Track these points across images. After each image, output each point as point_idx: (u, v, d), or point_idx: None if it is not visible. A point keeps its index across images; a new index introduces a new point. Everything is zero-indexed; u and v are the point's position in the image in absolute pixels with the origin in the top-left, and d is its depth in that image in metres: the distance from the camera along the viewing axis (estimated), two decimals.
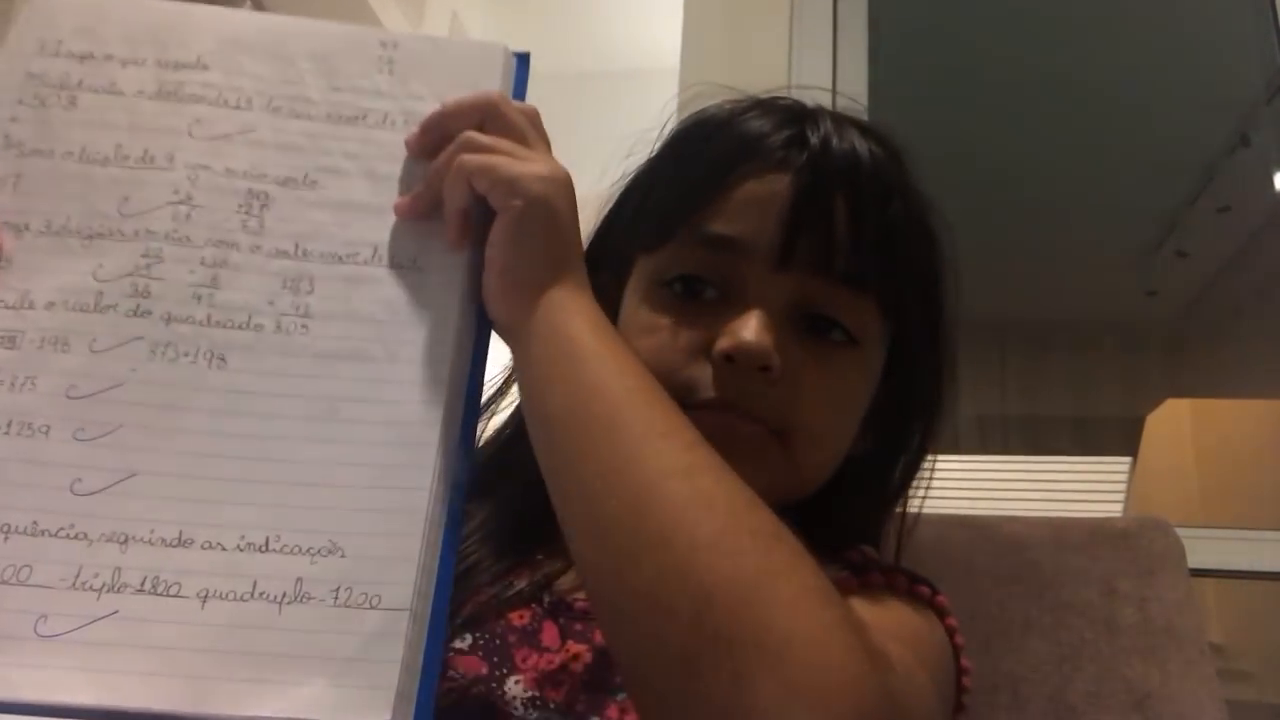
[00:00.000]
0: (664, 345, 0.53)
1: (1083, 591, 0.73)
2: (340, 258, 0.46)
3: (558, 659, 0.50)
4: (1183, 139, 3.22)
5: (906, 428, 0.61)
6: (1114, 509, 1.26)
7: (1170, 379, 3.87)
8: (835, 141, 0.55)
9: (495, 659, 0.51)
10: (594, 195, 0.65)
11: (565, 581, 0.54)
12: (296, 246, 0.46)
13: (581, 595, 0.53)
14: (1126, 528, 0.77)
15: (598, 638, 0.50)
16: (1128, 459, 1.31)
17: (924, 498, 0.64)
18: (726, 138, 0.56)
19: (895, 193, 0.56)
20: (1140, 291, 3.80)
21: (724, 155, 0.55)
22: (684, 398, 0.50)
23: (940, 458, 0.66)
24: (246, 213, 0.46)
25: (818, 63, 1.92)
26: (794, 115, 0.57)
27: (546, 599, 0.54)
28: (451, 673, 0.50)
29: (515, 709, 0.49)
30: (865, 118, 0.61)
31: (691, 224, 0.54)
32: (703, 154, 0.56)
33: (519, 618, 0.52)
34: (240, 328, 0.43)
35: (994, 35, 2.90)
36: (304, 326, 0.44)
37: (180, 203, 0.46)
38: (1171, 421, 2.55)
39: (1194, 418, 2.52)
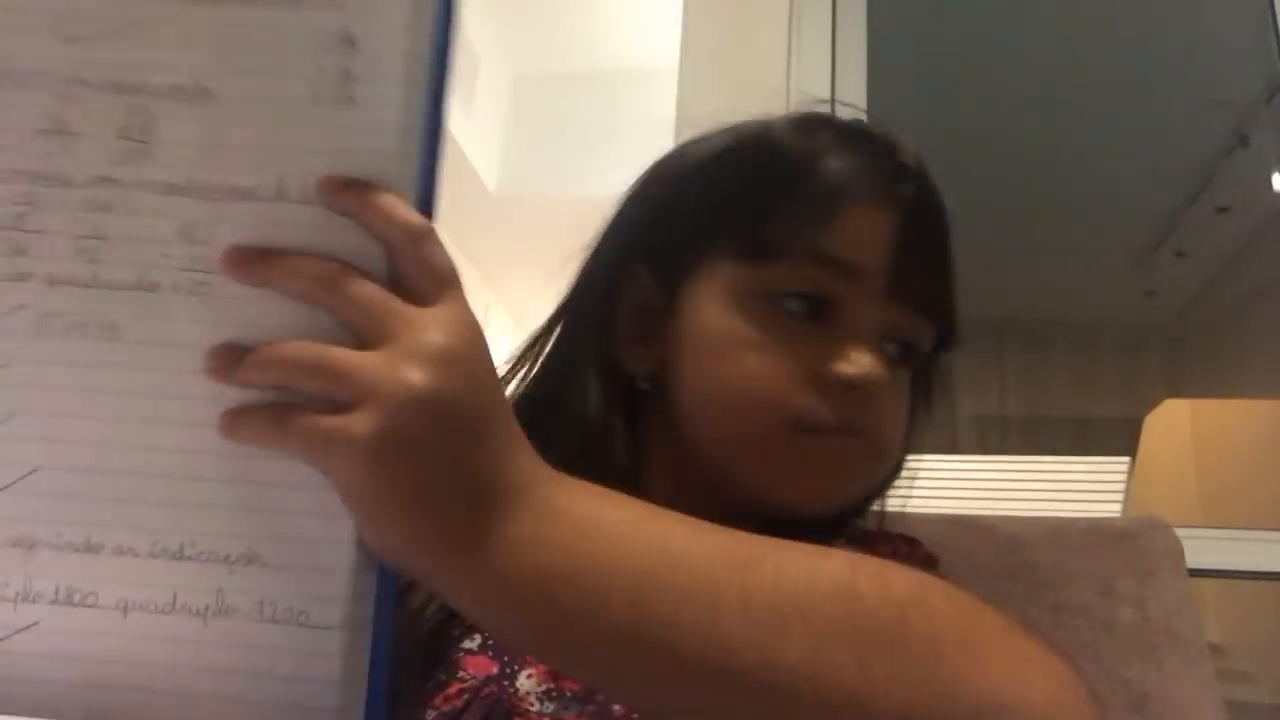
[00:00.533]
0: (775, 367, 0.53)
1: (1081, 592, 0.73)
2: (242, 193, 0.36)
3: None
4: (1183, 139, 3.22)
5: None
6: (1113, 509, 1.26)
7: (1170, 379, 3.88)
8: (924, 175, 0.58)
9: (505, 655, 0.50)
10: (593, 196, 0.65)
11: None
12: (189, 180, 0.36)
13: None
14: (1125, 528, 0.77)
15: None
16: (1127, 459, 1.31)
17: (908, 496, 0.64)
18: (836, 160, 0.56)
19: (946, 217, 0.59)
20: (1140, 291, 3.81)
21: (838, 179, 0.56)
22: (796, 422, 0.53)
23: (940, 458, 0.67)
24: (128, 137, 0.36)
25: (817, 64, 1.93)
26: (888, 146, 0.59)
27: None
28: (462, 674, 0.50)
29: (531, 704, 0.48)
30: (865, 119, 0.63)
31: (805, 243, 0.54)
32: (815, 172, 0.56)
33: None
34: (131, 288, 0.35)
35: (993, 36, 2.90)
36: (203, 284, 0.35)
37: (54, 131, 0.36)
38: (1171, 421, 2.55)
39: (1194, 418, 2.52)
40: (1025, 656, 0.35)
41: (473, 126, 3.33)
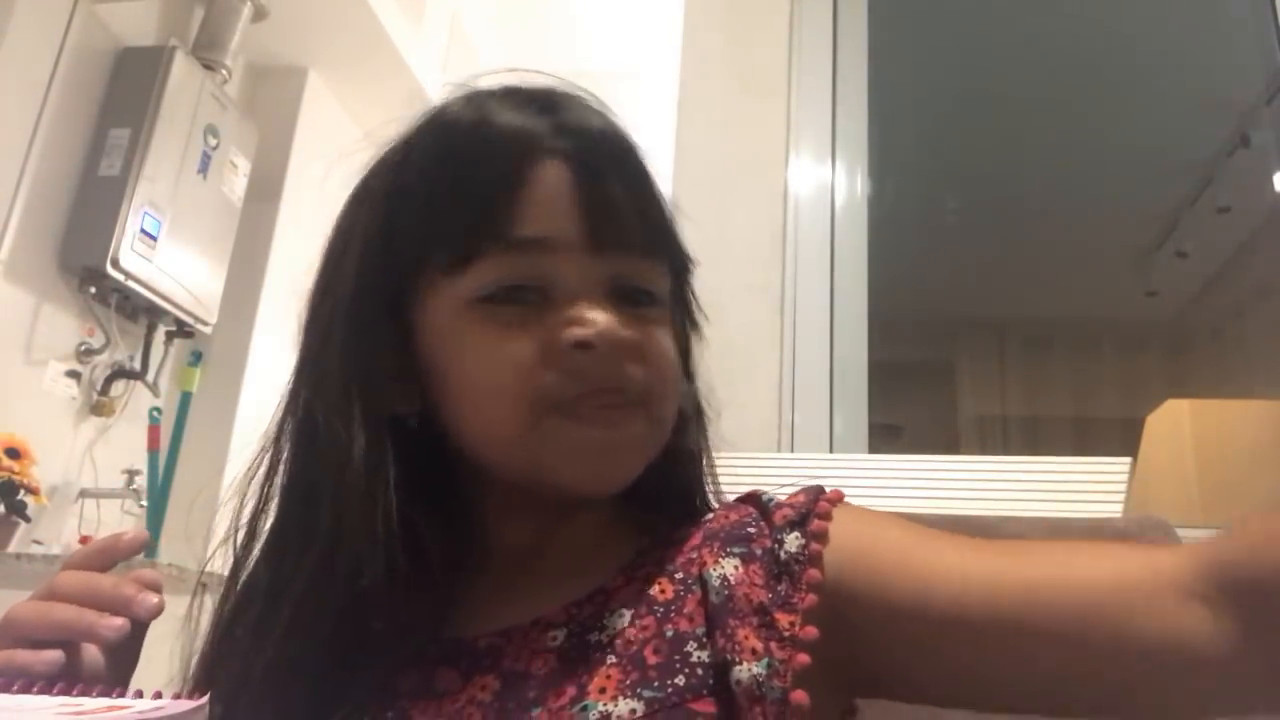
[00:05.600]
0: (512, 359, 0.52)
1: None
2: None
3: (461, 697, 0.49)
4: (1184, 139, 3.23)
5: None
6: (1114, 509, 1.26)
7: (1170, 379, 3.88)
8: (590, 120, 0.57)
9: None
10: None
11: (462, 626, 0.53)
12: None
13: (485, 633, 0.52)
14: (1126, 528, 0.77)
15: (506, 664, 0.50)
16: (1127, 459, 1.31)
17: (911, 496, 0.64)
18: (496, 138, 0.55)
19: (637, 154, 0.58)
20: (1140, 291, 3.81)
21: (502, 156, 0.54)
22: (550, 403, 0.51)
23: (940, 458, 0.66)
24: None
25: (818, 63, 1.93)
26: (547, 102, 0.57)
27: (432, 646, 0.52)
28: None
29: None
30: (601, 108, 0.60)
31: (496, 235, 0.53)
32: (478, 161, 0.55)
33: (407, 680, 0.51)
34: None
35: (994, 36, 2.90)
36: None
37: None
38: (1171, 422, 2.55)
39: (1194, 418, 2.52)
40: None
41: None
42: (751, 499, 0.56)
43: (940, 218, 3.37)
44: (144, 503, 1.96)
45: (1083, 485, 1.28)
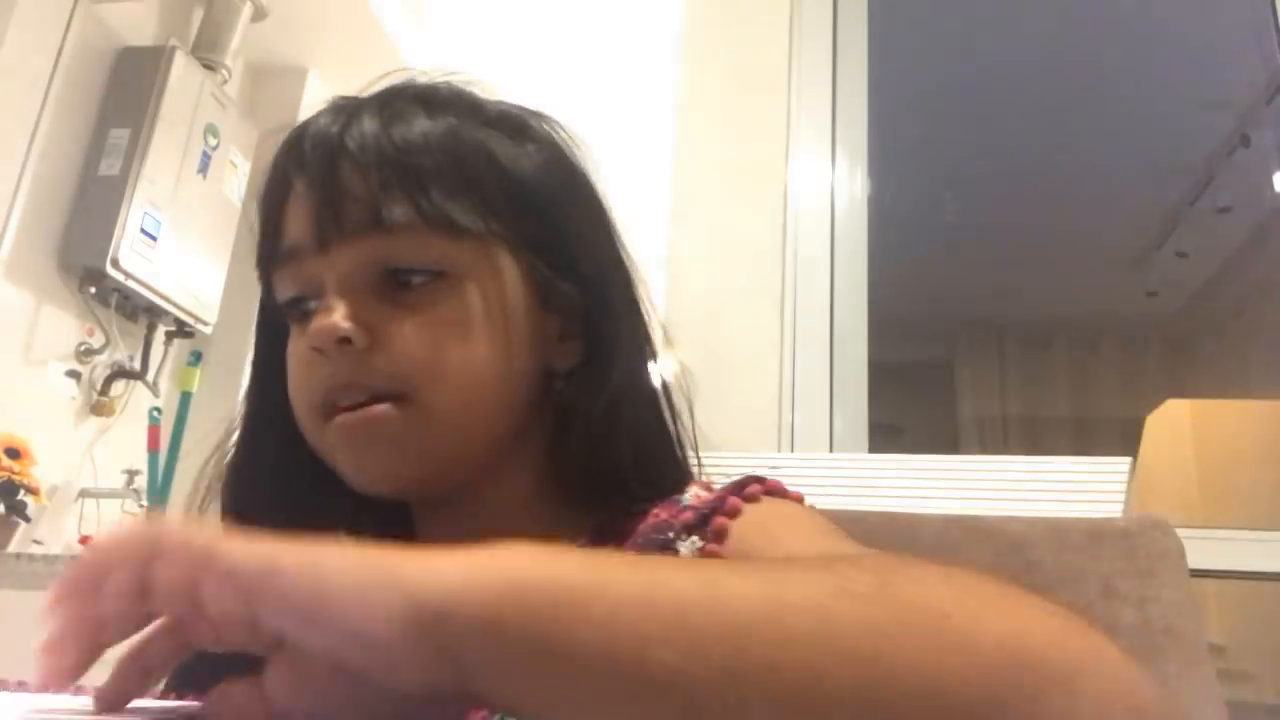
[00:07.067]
0: (293, 372, 0.55)
1: (1082, 592, 0.73)
2: None
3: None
4: (1184, 139, 3.22)
5: (596, 332, 0.57)
6: (1114, 509, 1.26)
7: (1170, 379, 3.87)
8: (339, 117, 0.56)
9: None
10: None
11: None
12: None
13: None
14: (1126, 528, 0.77)
15: None
16: (1127, 459, 1.31)
17: (912, 499, 0.63)
18: (284, 153, 0.57)
19: (399, 129, 0.55)
20: (1140, 291, 3.80)
21: (281, 171, 0.57)
22: (316, 406, 0.52)
23: (940, 458, 0.66)
24: None
25: (818, 63, 1.92)
26: (353, 108, 0.57)
27: None
28: None
29: None
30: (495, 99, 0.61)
31: (273, 251, 0.56)
32: (271, 177, 0.58)
33: None
34: None
35: (994, 36, 2.90)
36: None
37: None
38: (1171, 421, 2.56)
39: (1194, 418, 2.53)
40: (1018, 600, 0.33)
41: None
42: (736, 487, 0.54)
43: (940, 218, 3.37)
44: (144, 503, 1.96)
45: (1083, 485, 1.28)
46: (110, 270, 1.86)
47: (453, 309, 0.53)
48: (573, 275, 0.57)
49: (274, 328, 0.59)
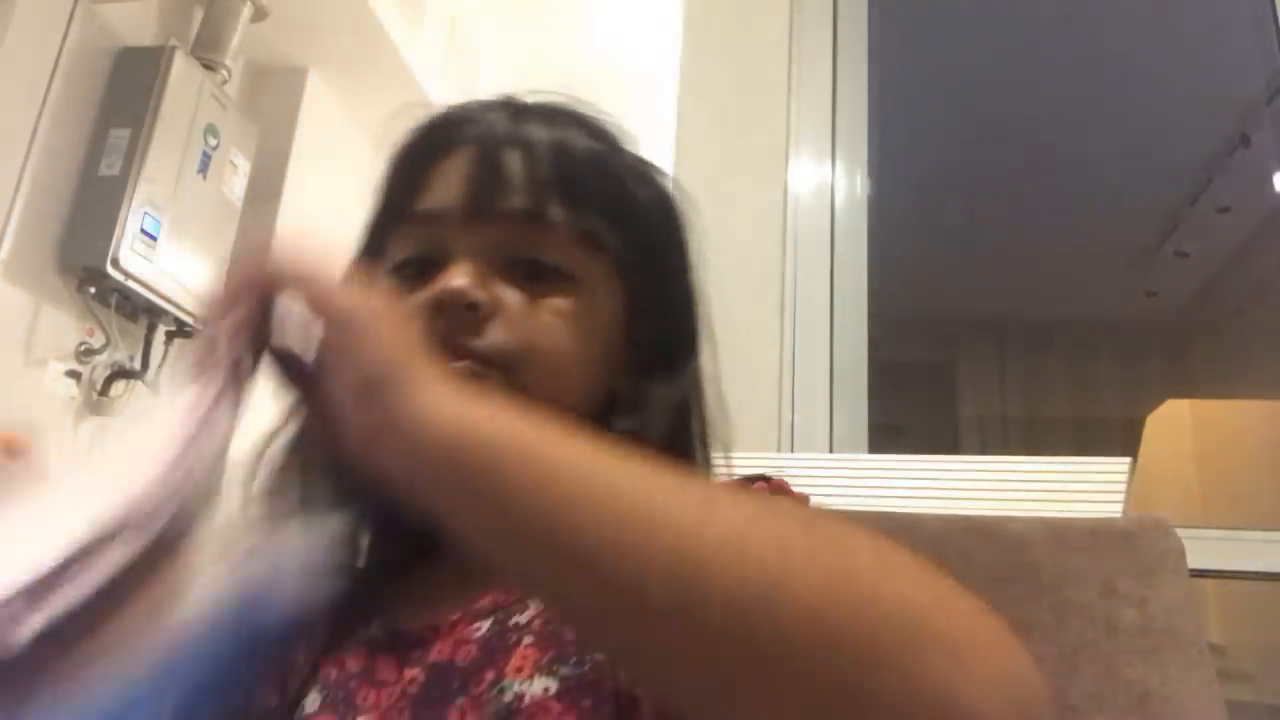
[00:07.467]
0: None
1: (1083, 592, 0.73)
2: None
3: (395, 690, 0.51)
4: (1184, 139, 3.22)
5: (666, 353, 0.61)
6: (1114, 509, 1.26)
7: (1170, 379, 3.87)
8: (509, 111, 0.60)
9: (341, 708, 0.52)
10: None
11: (408, 618, 0.55)
12: None
13: (421, 626, 0.53)
14: (1126, 528, 0.77)
15: (432, 657, 0.51)
16: (1127, 459, 1.31)
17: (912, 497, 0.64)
18: (434, 129, 0.60)
19: (569, 142, 0.59)
20: (1140, 291, 3.81)
21: (427, 144, 0.59)
22: None
23: (940, 458, 0.66)
24: None
25: (818, 63, 1.92)
26: (517, 110, 0.61)
27: (379, 635, 0.54)
28: None
29: None
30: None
31: (401, 211, 0.58)
32: (414, 148, 0.60)
33: (355, 661, 0.54)
34: None
35: (994, 36, 2.90)
36: None
37: None
38: (1171, 421, 2.56)
39: (1194, 418, 2.52)
40: (934, 579, 0.36)
41: None
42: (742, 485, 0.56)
43: (940, 218, 3.37)
44: None
45: (1083, 485, 1.28)
46: (110, 270, 1.86)
47: (570, 309, 0.56)
48: (659, 318, 0.61)
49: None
